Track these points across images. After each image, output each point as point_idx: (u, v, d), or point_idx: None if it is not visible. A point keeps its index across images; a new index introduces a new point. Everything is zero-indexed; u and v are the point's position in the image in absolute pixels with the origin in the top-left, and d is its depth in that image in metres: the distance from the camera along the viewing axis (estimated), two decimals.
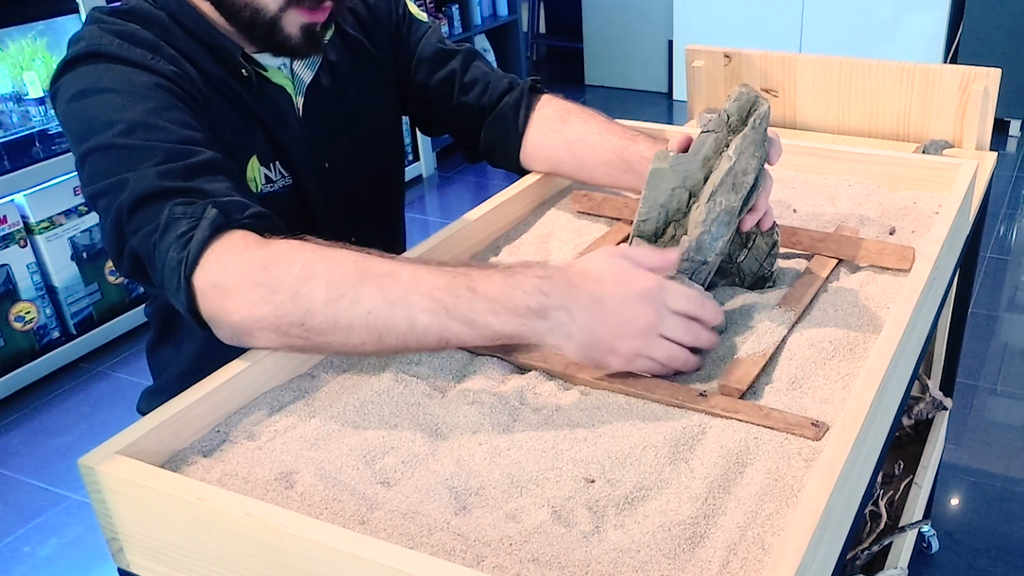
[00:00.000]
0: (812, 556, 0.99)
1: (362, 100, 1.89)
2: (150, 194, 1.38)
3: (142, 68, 1.52)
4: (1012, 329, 4.37)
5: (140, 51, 1.54)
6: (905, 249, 1.63)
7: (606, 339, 1.31)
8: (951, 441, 3.54)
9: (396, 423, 1.30)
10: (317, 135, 1.79)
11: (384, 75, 1.95)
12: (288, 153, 1.75)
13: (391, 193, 2.05)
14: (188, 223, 1.35)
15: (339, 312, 1.28)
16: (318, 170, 1.80)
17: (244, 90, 1.68)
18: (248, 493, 1.17)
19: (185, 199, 1.37)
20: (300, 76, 1.77)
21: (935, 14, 6.54)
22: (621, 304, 1.31)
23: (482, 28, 7.28)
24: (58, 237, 4.14)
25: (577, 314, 1.29)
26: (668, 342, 1.34)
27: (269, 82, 1.72)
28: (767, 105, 1.49)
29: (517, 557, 1.06)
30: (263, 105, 1.71)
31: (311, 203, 1.80)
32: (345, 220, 1.87)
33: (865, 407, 1.18)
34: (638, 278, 1.33)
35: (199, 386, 1.30)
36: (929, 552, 3.08)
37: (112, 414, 3.99)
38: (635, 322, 1.31)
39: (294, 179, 1.76)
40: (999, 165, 3.37)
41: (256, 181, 1.70)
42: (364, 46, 1.90)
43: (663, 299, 1.33)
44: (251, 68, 1.68)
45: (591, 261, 1.35)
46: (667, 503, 1.13)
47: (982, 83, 2.47)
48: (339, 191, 1.85)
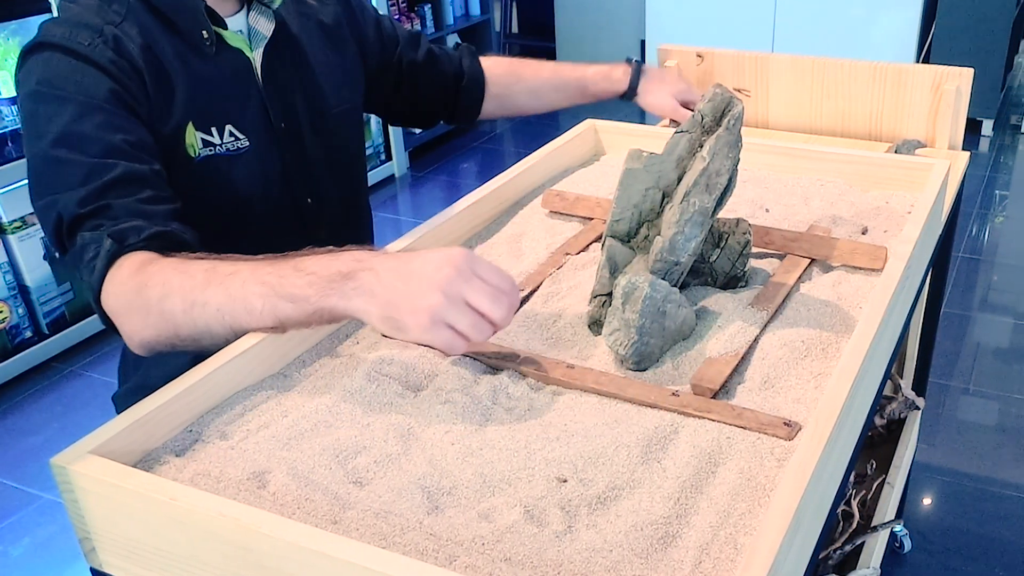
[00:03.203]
0: (784, 556, 0.99)
1: (320, 65, 1.96)
2: (70, 222, 1.55)
3: (81, 58, 1.62)
4: (984, 329, 4.39)
5: (85, 35, 1.64)
6: (877, 249, 1.63)
7: (407, 295, 1.30)
8: (923, 441, 3.55)
9: (369, 423, 1.30)
10: (272, 96, 1.85)
11: (345, 45, 2.05)
12: (243, 114, 1.81)
13: (351, 164, 2.10)
14: (93, 250, 1.52)
15: (196, 317, 1.41)
16: (273, 131, 1.86)
17: (199, 56, 1.75)
18: (221, 493, 1.16)
19: (94, 222, 1.53)
20: (257, 31, 1.84)
21: (907, 14, 6.55)
22: (425, 262, 1.32)
23: (454, 28, 7.28)
24: (30, 237, 4.12)
25: (382, 273, 1.32)
26: (471, 311, 1.31)
27: (227, 45, 1.79)
28: (741, 106, 1.50)
29: (489, 557, 1.06)
30: (219, 68, 1.78)
31: (267, 165, 1.85)
32: (301, 184, 1.92)
33: (837, 407, 1.19)
34: (452, 249, 1.35)
35: (171, 386, 1.30)
36: (901, 552, 3.09)
37: (84, 414, 3.98)
38: (435, 277, 1.30)
39: (250, 140, 1.81)
40: (971, 165, 3.38)
41: (194, 147, 1.74)
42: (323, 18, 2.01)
43: (469, 264, 1.32)
44: (212, 30, 1.75)
45: None
46: (639, 503, 1.14)
47: (954, 83, 2.48)
48: (294, 153, 1.89)
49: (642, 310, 1.37)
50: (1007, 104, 7.35)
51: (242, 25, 1.83)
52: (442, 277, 1.30)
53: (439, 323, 1.30)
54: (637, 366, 1.41)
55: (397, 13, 6.53)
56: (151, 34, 1.70)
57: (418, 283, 1.30)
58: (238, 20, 1.83)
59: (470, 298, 1.30)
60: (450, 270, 1.30)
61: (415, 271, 1.31)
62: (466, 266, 1.31)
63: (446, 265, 1.30)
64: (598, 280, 1.51)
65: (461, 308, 1.30)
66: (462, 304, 1.30)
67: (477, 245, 1.80)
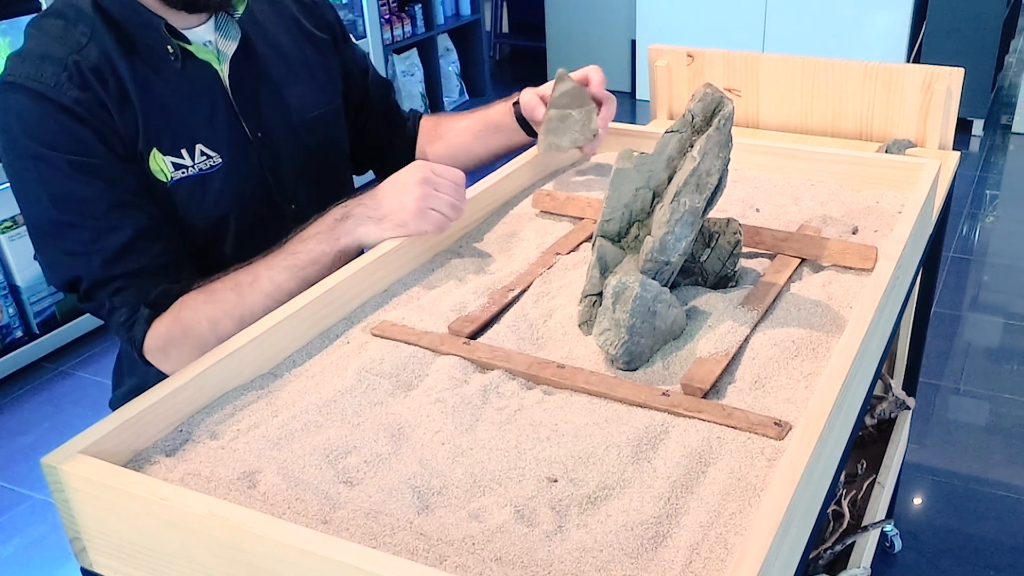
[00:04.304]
0: (775, 555, 1.00)
1: (295, 66, 1.96)
2: (90, 285, 1.70)
3: (53, 105, 1.63)
4: (975, 328, 4.40)
5: (50, 72, 1.64)
6: (868, 249, 1.64)
7: (395, 204, 1.69)
8: (914, 440, 3.55)
9: (359, 422, 1.30)
10: (244, 106, 1.84)
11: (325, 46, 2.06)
12: (213, 130, 1.80)
13: (334, 167, 2.09)
14: (126, 312, 1.69)
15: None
16: (249, 142, 1.85)
17: (161, 76, 1.74)
18: (211, 492, 1.17)
19: (116, 285, 1.69)
20: (223, 51, 1.83)
21: (898, 13, 6.56)
22: (395, 181, 1.72)
23: (445, 27, 7.28)
24: (21, 237, 4.11)
25: (368, 202, 1.72)
26: (445, 196, 1.71)
27: (194, 59, 1.78)
28: (731, 106, 1.50)
29: (480, 557, 1.06)
30: (184, 85, 1.77)
31: (244, 178, 1.84)
32: (281, 193, 1.91)
33: (828, 406, 1.19)
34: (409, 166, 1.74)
35: (162, 385, 1.30)
36: (892, 551, 3.09)
37: (75, 413, 3.97)
38: (408, 183, 1.70)
39: (223, 156, 1.80)
40: (962, 165, 3.39)
41: (164, 172, 1.74)
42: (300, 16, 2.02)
43: (427, 168, 1.72)
44: (176, 44, 1.74)
45: None
46: (630, 502, 1.14)
47: (945, 82, 2.48)
48: (272, 162, 1.88)
49: (632, 310, 1.37)
50: (997, 104, 7.36)
51: (209, 36, 1.81)
52: (414, 181, 1.70)
53: (426, 210, 1.68)
54: (627, 366, 1.41)
55: (388, 13, 6.53)
56: (111, 58, 1.68)
57: (397, 193, 1.70)
58: (204, 32, 1.81)
59: (440, 188, 1.71)
60: (417, 175, 1.70)
61: (392, 188, 1.71)
62: (427, 170, 1.72)
63: (414, 173, 1.71)
64: (588, 280, 1.51)
65: (436, 196, 1.70)
66: (434, 193, 1.70)
67: (467, 245, 1.80)
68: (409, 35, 6.79)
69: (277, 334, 1.44)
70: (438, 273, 1.71)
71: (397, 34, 6.64)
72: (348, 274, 1.57)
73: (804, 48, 6.78)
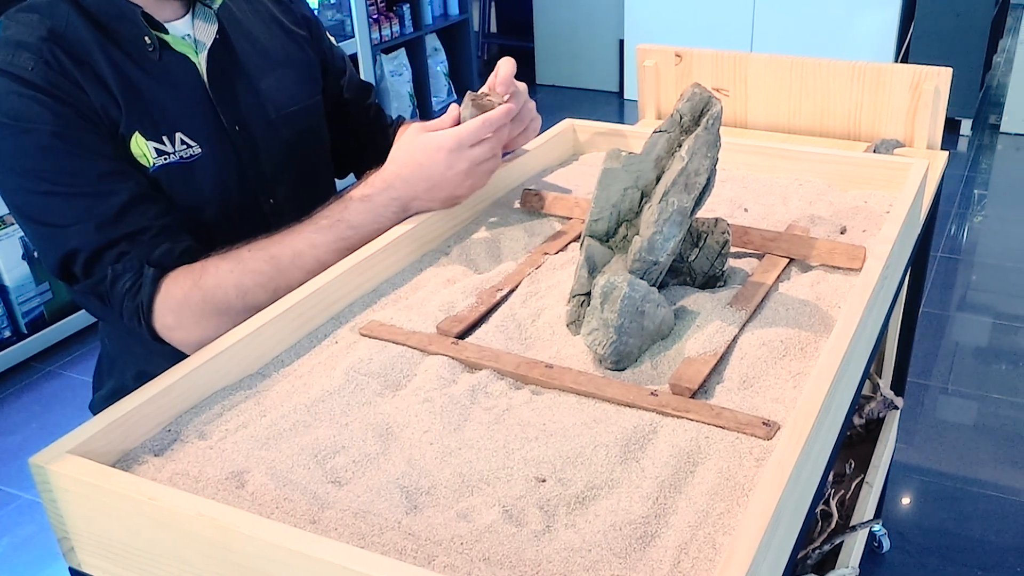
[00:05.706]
0: (763, 555, 1.00)
1: (273, 60, 1.96)
2: (90, 255, 1.64)
3: (30, 87, 1.61)
4: (963, 328, 4.41)
5: (26, 58, 1.63)
6: (856, 248, 1.64)
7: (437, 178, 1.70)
8: (902, 440, 3.56)
9: (347, 422, 1.30)
10: (221, 99, 1.83)
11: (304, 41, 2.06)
12: (192, 121, 1.79)
13: (315, 162, 2.08)
14: (131, 277, 1.63)
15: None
16: (227, 135, 1.84)
17: (140, 66, 1.73)
18: (199, 492, 1.16)
19: (117, 251, 1.64)
20: (201, 40, 1.82)
21: (886, 13, 6.58)
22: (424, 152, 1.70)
23: (433, 27, 7.29)
24: (9, 236, 4.11)
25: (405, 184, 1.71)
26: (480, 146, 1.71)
27: (171, 50, 1.78)
28: (719, 105, 1.50)
29: (468, 556, 1.06)
30: (163, 75, 1.76)
31: (222, 170, 1.83)
32: (260, 186, 1.90)
33: (816, 406, 1.19)
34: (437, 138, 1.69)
35: (150, 385, 1.30)
36: (880, 551, 3.10)
37: (63, 413, 3.97)
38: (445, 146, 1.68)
39: (202, 147, 1.80)
40: (950, 164, 3.39)
41: (146, 156, 1.72)
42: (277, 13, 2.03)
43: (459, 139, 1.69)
44: (154, 35, 1.74)
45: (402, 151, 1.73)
46: (618, 502, 1.14)
47: (933, 82, 2.48)
48: (250, 155, 1.88)
49: (621, 310, 1.37)
50: (986, 104, 7.38)
51: (188, 30, 1.81)
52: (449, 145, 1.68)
53: (473, 170, 1.71)
54: (616, 366, 1.41)
55: (376, 13, 6.53)
56: (88, 47, 1.67)
57: (432, 164, 1.70)
58: (182, 25, 1.80)
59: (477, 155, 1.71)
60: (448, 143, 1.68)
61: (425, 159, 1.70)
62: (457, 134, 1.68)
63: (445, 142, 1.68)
64: (577, 280, 1.51)
65: (473, 151, 1.70)
66: (469, 149, 1.69)
67: (455, 245, 1.80)
68: (397, 35, 6.80)
69: (265, 334, 1.44)
70: (426, 273, 1.70)
71: (385, 34, 6.64)
72: (336, 274, 1.57)
73: (792, 48, 6.79)
